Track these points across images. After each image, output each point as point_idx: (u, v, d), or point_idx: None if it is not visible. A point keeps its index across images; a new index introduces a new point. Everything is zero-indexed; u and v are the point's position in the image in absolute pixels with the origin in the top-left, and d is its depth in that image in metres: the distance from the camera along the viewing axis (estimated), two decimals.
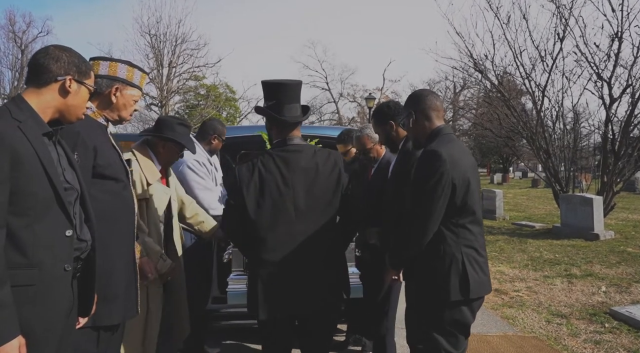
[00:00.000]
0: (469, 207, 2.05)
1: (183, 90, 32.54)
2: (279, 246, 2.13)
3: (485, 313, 4.77)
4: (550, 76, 9.93)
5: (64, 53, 1.62)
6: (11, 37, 31.93)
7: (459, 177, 2.00)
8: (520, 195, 21.61)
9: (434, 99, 2.22)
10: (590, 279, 6.00)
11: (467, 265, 2.03)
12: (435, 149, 2.01)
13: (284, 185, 2.13)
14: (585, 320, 4.51)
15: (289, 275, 2.13)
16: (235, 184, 2.17)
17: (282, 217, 2.12)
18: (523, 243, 8.80)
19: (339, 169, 2.23)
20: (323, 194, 2.17)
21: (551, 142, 10.46)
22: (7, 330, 1.37)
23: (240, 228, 2.20)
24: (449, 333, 2.08)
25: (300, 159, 2.17)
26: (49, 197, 1.51)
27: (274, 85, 2.23)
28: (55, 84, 1.60)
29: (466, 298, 2.02)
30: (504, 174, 34.98)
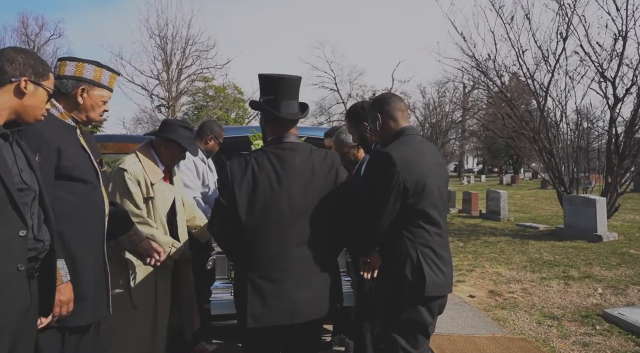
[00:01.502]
0: (424, 207, 2.06)
1: (191, 92, 32.80)
2: (270, 250, 1.97)
3: (476, 315, 4.75)
4: (553, 76, 9.83)
5: (19, 54, 1.64)
6: (24, 40, 32.43)
7: (411, 179, 2.01)
8: (528, 196, 21.42)
9: (398, 100, 2.27)
10: (587, 281, 5.94)
11: (423, 264, 2.02)
12: (387, 151, 2.04)
13: (278, 185, 1.97)
14: (577, 322, 4.46)
15: (280, 281, 1.97)
16: (227, 182, 2.00)
17: (275, 218, 1.96)
18: (525, 244, 8.73)
19: (336, 169, 2.08)
20: (319, 196, 2.02)
21: (555, 143, 10.35)
22: None
23: (230, 230, 2.01)
24: (407, 333, 2.08)
25: (295, 158, 2.02)
26: (1, 198, 1.51)
27: (272, 79, 2.07)
28: (10, 85, 1.61)
29: (422, 296, 2.02)
30: (514, 175, 34.66)
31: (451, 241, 9.45)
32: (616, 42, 9.29)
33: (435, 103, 30.61)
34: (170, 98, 27.71)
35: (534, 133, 10.17)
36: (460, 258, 7.69)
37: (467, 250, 8.37)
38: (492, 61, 10.40)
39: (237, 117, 38.65)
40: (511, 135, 11.30)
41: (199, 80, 31.97)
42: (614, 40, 9.24)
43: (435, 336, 4.11)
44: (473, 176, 43.73)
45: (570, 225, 9.43)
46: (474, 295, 5.49)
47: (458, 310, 4.93)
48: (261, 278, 1.97)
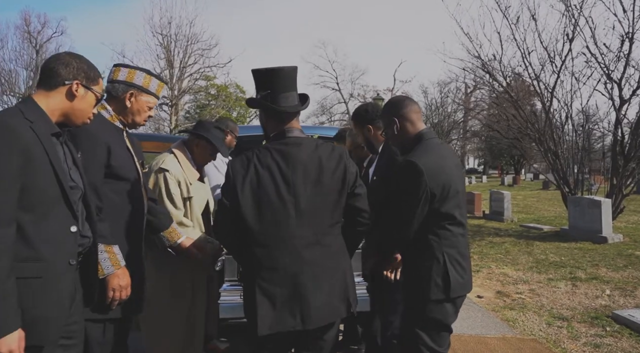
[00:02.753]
0: (449, 211, 2.11)
1: (194, 90, 32.80)
2: (278, 252, 1.86)
3: (485, 315, 4.75)
4: (559, 77, 9.83)
5: (74, 59, 1.72)
6: (26, 38, 32.41)
7: (438, 185, 2.06)
8: (531, 197, 21.42)
9: (412, 103, 2.31)
10: (594, 282, 5.94)
11: (448, 265, 2.09)
12: (413, 161, 2.05)
13: (283, 183, 1.85)
14: (587, 323, 4.46)
15: (290, 285, 1.86)
16: (229, 181, 1.89)
17: (281, 219, 1.85)
18: (530, 245, 8.74)
19: (344, 163, 1.94)
20: (327, 193, 1.89)
21: (560, 144, 10.35)
22: (9, 321, 1.45)
23: (235, 231, 1.92)
24: (431, 331, 2.14)
25: (300, 153, 1.89)
26: (56, 195, 1.61)
27: (267, 73, 1.95)
28: (63, 87, 1.69)
29: (447, 296, 2.09)
30: (515, 176, 34.66)
31: None
32: (623, 43, 9.28)
33: (437, 103, 30.60)
34: (172, 97, 27.69)
35: (539, 134, 10.17)
36: None
37: (473, 251, 8.37)
38: (497, 62, 10.40)
39: (239, 116, 38.65)
40: (516, 136, 11.30)
41: (202, 79, 31.95)
42: (620, 41, 9.23)
43: None
44: (474, 177, 43.72)
45: (575, 226, 9.44)
46: (482, 296, 5.50)
47: (467, 310, 4.93)
48: (269, 282, 1.86)
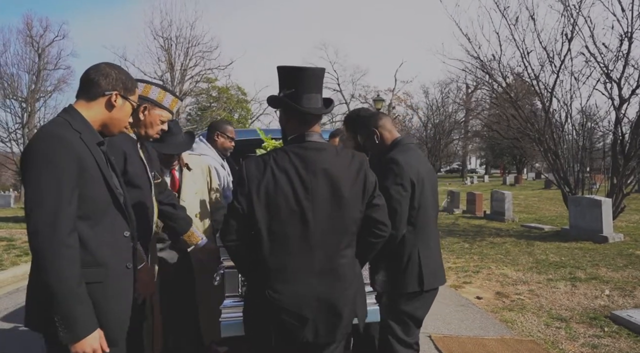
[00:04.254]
0: (423, 206, 2.28)
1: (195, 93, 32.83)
2: (293, 263, 1.76)
3: (483, 316, 4.76)
4: (558, 77, 9.83)
5: (113, 70, 1.78)
6: (28, 42, 32.47)
7: (415, 177, 2.24)
8: (532, 196, 21.39)
9: (386, 115, 2.56)
10: (594, 282, 5.94)
11: (422, 260, 2.25)
12: (392, 156, 2.26)
13: (302, 189, 1.74)
14: (585, 324, 4.47)
15: (303, 297, 1.77)
16: (243, 184, 1.76)
17: (298, 228, 1.75)
18: (530, 245, 8.74)
19: (365, 172, 1.85)
20: (348, 203, 1.79)
21: (560, 143, 10.35)
22: (88, 322, 1.56)
23: (245, 238, 1.80)
24: (402, 322, 2.28)
25: (321, 159, 1.78)
26: (108, 201, 1.69)
27: (293, 71, 1.86)
28: (102, 98, 1.75)
29: (421, 289, 2.25)
30: (517, 175, 34.60)
31: (456, 242, 9.49)
32: (622, 43, 9.28)
33: (438, 103, 30.58)
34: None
35: (539, 134, 10.17)
36: (466, 259, 7.71)
37: (473, 252, 8.38)
38: (496, 62, 10.41)
39: (240, 118, 38.69)
40: (516, 136, 11.30)
41: (203, 81, 31.98)
42: (619, 41, 9.23)
43: (444, 337, 4.14)
44: (476, 176, 43.68)
45: (575, 226, 9.43)
46: (481, 297, 5.50)
47: (466, 311, 4.94)
48: (281, 294, 1.75)
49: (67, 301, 1.52)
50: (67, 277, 1.51)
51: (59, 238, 1.51)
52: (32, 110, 29.99)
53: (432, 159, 29.83)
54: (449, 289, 5.93)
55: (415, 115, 35.52)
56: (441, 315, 4.84)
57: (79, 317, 1.54)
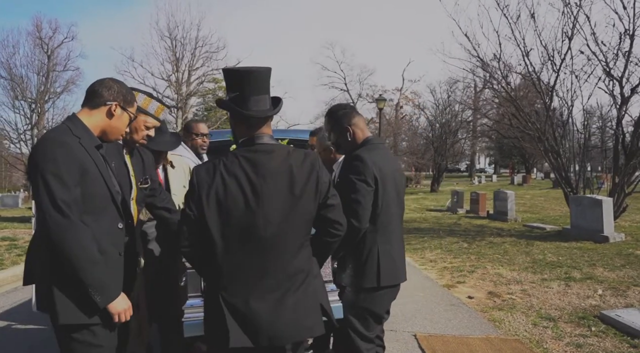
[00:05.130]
0: (386, 204, 2.32)
1: (201, 93, 33.03)
2: (246, 266, 1.75)
3: (472, 316, 4.76)
4: (559, 76, 9.77)
5: (115, 84, 2.01)
6: (38, 44, 32.88)
7: (379, 173, 2.27)
8: (539, 196, 21.23)
9: (358, 113, 2.57)
10: (588, 282, 5.90)
11: (380, 256, 2.29)
12: (357, 153, 2.31)
13: (252, 194, 1.73)
14: (573, 323, 4.45)
15: (258, 300, 1.76)
16: (193, 190, 1.77)
17: (250, 231, 1.74)
18: (529, 245, 8.69)
19: (317, 172, 1.83)
20: (300, 204, 1.78)
21: (561, 143, 10.27)
22: (112, 288, 1.86)
23: (198, 243, 1.80)
24: (361, 317, 2.32)
25: (271, 162, 1.77)
26: (107, 198, 1.93)
27: (237, 73, 1.85)
28: (104, 107, 1.97)
29: (378, 285, 2.29)
30: (525, 175, 34.33)
31: (455, 242, 9.46)
32: (623, 40, 9.19)
33: (444, 103, 30.41)
34: (179, 100, 27.94)
35: (539, 133, 10.10)
36: (462, 259, 7.69)
37: (471, 252, 8.35)
38: (497, 61, 10.35)
39: None
40: (516, 135, 11.23)
41: (209, 81, 32.17)
42: (619, 38, 9.14)
43: (429, 336, 4.15)
44: (484, 176, 43.40)
45: (576, 225, 9.36)
46: (472, 296, 5.49)
47: (455, 311, 4.94)
48: (236, 297, 1.75)
49: (94, 268, 1.78)
50: (88, 246, 1.77)
51: (72, 219, 1.75)
52: (42, 111, 30.39)
53: (439, 159, 29.65)
54: (441, 289, 5.93)
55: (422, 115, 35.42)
56: (429, 314, 4.84)
57: (106, 280, 1.82)
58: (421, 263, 7.61)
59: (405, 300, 5.36)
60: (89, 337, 1.87)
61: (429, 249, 8.79)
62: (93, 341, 1.88)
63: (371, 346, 2.36)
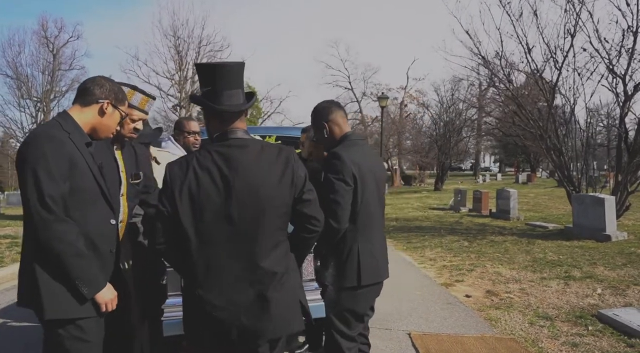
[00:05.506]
0: (366, 202, 2.29)
1: None
2: (222, 263, 1.73)
3: (468, 315, 4.72)
4: (561, 73, 9.68)
5: (107, 82, 2.03)
6: (43, 43, 33.06)
7: (358, 172, 2.24)
8: (543, 195, 21.09)
9: (339, 108, 2.50)
10: (588, 281, 5.84)
11: (361, 255, 2.26)
12: (335, 151, 2.28)
13: (225, 189, 1.70)
14: (570, 322, 4.40)
15: (235, 298, 1.74)
16: (166, 186, 1.75)
17: (223, 228, 1.71)
18: (531, 244, 8.62)
19: (292, 167, 1.80)
20: (275, 199, 1.75)
21: (564, 141, 10.19)
22: (99, 280, 1.88)
23: (173, 240, 1.77)
24: (343, 316, 2.30)
25: (244, 157, 1.75)
26: (97, 193, 1.94)
27: (210, 68, 1.84)
28: (96, 105, 2.00)
29: (359, 284, 2.26)
30: (530, 174, 34.13)
31: (456, 240, 9.41)
32: (626, 37, 9.11)
33: (448, 101, 30.27)
34: (182, 98, 28.01)
35: (541, 131, 10.02)
36: (462, 258, 7.64)
37: (471, 250, 8.30)
38: (499, 59, 10.28)
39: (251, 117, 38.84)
40: (518, 133, 11.14)
41: None
42: (622, 35, 9.06)
43: (423, 335, 4.12)
44: (489, 175, 43.21)
45: (578, 224, 9.28)
46: (470, 295, 5.45)
47: (451, 309, 4.91)
48: (212, 294, 1.73)
49: (81, 261, 1.80)
50: (73, 240, 1.79)
51: (58, 215, 1.77)
52: (47, 110, 30.54)
53: (442, 157, 29.52)
54: (439, 287, 5.89)
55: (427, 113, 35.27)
56: (425, 312, 4.81)
57: (92, 271, 1.84)
58: (420, 262, 7.57)
59: (402, 298, 5.34)
60: (77, 332, 1.87)
61: (429, 248, 8.75)
62: (82, 336, 1.88)
63: (353, 345, 2.34)
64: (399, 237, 10.36)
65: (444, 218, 13.89)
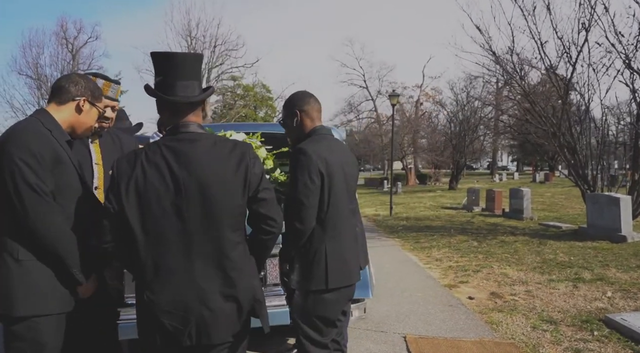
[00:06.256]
0: (335, 202, 2.16)
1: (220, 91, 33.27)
2: (171, 263, 1.63)
3: (469, 317, 4.56)
4: (575, 69, 9.39)
5: (82, 79, 2.02)
6: (63, 44, 33.72)
7: (325, 169, 2.10)
8: (560, 194, 20.66)
9: (316, 101, 2.34)
10: (598, 284, 5.62)
11: (328, 257, 2.13)
12: (301, 146, 2.13)
13: (174, 185, 1.61)
14: (575, 327, 4.21)
15: (185, 299, 1.63)
16: (113, 182, 1.65)
17: (171, 226, 1.61)
18: (542, 245, 8.38)
19: (246, 163, 1.69)
20: (226, 196, 1.64)
21: (578, 139, 9.89)
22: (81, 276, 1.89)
23: (121, 238, 1.67)
24: (311, 322, 2.17)
25: (195, 151, 1.64)
26: (79, 189, 1.95)
27: (162, 57, 1.73)
28: (72, 102, 1.99)
29: (326, 288, 2.13)
30: (548, 173, 33.46)
31: (465, 240, 9.21)
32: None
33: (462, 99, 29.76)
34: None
35: (554, 128, 9.74)
36: (469, 259, 7.46)
37: (479, 251, 8.10)
38: (510, 54, 10.02)
39: (266, 116, 38.96)
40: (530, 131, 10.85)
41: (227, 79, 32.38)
42: (638, 29, 8.73)
43: (419, 338, 3.98)
44: (506, 174, 42.52)
45: (593, 224, 9.00)
46: (473, 297, 5.29)
47: (451, 312, 4.75)
48: (159, 296, 1.63)
49: (73, 246, 1.84)
50: (65, 227, 1.84)
51: (49, 201, 1.80)
52: None
53: (457, 156, 29.03)
54: (442, 288, 5.73)
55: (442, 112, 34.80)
56: (424, 315, 4.67)
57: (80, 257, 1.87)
58: (426, 262, 7.41)
59: (402, 300, 5.21)
60: (35, 334, 1.82)
61: (437, 248, 8.57)
62: (40, 339, 1.83)
63: (325, 352, 2.20)
64: (407, 236, 10.19)
65: (456, 217, 13.64)
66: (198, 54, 1.83)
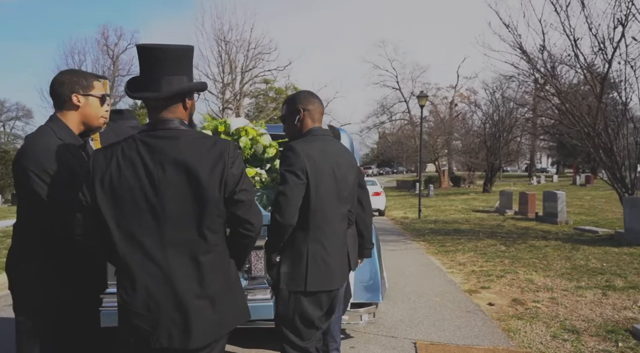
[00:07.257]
0: (320, 203, 2.11)
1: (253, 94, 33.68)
2: (145, 262, 1.57)
3: (486, 324, 4.39)
4: (610, 66, 8.95)
5: (65, 76, 2.00)
6: (104, 50, 35.11)
7: (312, 168, 2.07)
8: (600, 197, 19.79)
9: (320, 103, 2.34)
10: (630, 292, 5.31)
11: (309, 259, 2.10)
12: (292, 144, 2.11)
13: (148, 182, 1.56)
14: (600, 337, 3.98)
15: (158, 301, 1.57)
16: (88, 175, 1.62)
17: (145, 224, 1.57)
18: (574, 250, 8.02)
19: (224, 162, 1.61)
20: (203, 195, 1.58)
21: (615, 140, 9.42)
22: None
23: (97, 232, 1.63)
24: (292, 325, 2.13)
25: (171, 148, 1.58)
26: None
27: (144, 50, 1.65)
28: (68, 103, 1.98)
29: (304, 290, 2.09)
30: (589, 175, 32.13)
31: (492, 244, 8.93)
32: None
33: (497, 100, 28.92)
34: (234, 100, 28.64)
35: (589, 128, 9.32)
36: (494, 263, 7.21)
37: (506, 255, 7.82)
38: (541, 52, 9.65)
39: None
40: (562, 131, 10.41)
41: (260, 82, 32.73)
42: None
43: (430, 345, 3.86)
44: (544, 176, 41.11)
45: (631, 229, 8.55)
46: (493, 303, 5.09)
47: (468, 318, 4.59)
48: (131, 296, 1.58)
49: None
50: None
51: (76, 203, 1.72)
52: None
53: (492, 158, 28.24)
54: (461, 294, 5.55)
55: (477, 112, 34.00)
56: (439, 320, 4.53)
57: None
58: (449, 267, 7.21)
59: (418, 304, 5.07)
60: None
61: (462, 252, 8.34)
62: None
63: None
64: (433, 240, 9.97)
65: (486, 221, 13.27)
66: (184, 48, 1.69)
